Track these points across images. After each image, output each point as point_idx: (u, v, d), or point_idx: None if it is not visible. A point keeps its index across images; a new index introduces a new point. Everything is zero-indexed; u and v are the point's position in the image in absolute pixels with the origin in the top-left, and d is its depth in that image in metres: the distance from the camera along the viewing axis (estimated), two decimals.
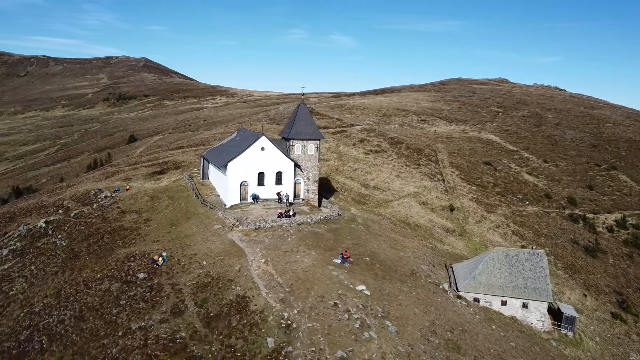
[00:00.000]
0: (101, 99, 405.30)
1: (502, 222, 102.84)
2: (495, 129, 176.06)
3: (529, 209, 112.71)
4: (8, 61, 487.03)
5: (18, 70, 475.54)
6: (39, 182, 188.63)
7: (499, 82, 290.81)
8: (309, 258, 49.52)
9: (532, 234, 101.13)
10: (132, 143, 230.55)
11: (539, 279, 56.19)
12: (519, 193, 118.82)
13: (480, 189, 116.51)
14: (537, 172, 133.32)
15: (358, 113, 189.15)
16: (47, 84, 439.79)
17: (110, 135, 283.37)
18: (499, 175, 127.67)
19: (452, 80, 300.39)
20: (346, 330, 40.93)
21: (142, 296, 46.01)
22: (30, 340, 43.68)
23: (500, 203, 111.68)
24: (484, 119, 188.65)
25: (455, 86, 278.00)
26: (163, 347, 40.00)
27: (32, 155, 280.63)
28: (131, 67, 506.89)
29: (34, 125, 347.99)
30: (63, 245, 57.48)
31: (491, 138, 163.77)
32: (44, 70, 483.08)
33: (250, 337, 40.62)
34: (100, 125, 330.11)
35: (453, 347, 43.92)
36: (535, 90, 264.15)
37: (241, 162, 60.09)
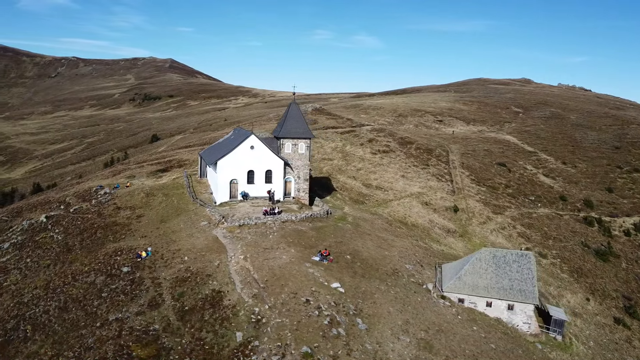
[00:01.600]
0: (127, 99, 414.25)
1: (508, 223, 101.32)
2: (514, 129, 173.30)
3: (541, 211, 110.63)
4: (40, 62, 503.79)
5: (49, 71, 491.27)
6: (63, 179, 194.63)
7: (522, 83, 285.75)
8: (288, 255, 50.17)
9: (540, 236, 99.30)
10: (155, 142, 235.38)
11: (525, 280, 55.40)
12: (532, 195, 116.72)
13: (490, 190, 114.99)
14: (554, 173, 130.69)
15: (373, 113, 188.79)
16: (76, 84, 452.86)
17: (134, 134, 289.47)
18: (512, 177, 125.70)
19: (473, 81, 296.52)
20: (315, 327, 41.40)
21: (122, 289, 47.49)
22: (16, 329, 45.62)
23: (509, 205, 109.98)
24: (503, 119, 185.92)
25: (476, 86, 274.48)
26: (136, 338, 41.28)
27: (59, 154, 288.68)
28: (157, 67, 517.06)
29: (62, 124, 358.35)
30: (59, 239, 59.66)
31: (508, 139, 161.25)
32: (73, 71, 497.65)
33: (220, 330, 41.52)
34: (125, 124, 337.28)
35: (425, 346, 43.86)
36: (558, 90, 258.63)
37: (230, 160, 61.21)
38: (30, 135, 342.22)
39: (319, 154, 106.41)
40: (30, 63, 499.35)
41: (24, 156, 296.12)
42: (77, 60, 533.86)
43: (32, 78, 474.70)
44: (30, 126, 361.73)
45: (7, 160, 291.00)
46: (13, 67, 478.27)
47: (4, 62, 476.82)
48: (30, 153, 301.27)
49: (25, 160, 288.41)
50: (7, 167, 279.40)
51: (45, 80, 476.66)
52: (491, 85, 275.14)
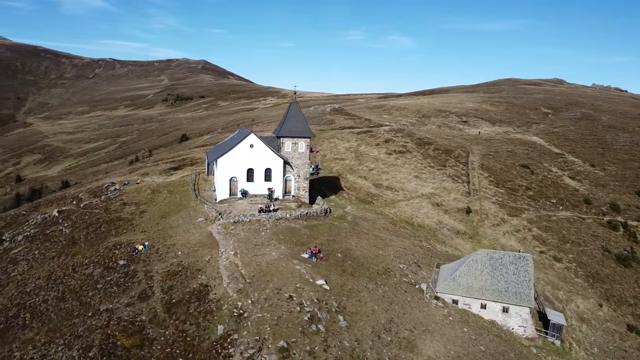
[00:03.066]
0: (160, 100, 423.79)
1: (524, 226, 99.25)
2: (542, 131, 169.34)
3: (561, 214, 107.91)
4: (78, 64, 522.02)
5: (87, 73, 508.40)
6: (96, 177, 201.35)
7: (554, 83, 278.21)
8: (277, 252, 50.91)
9: (557, 239, 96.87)
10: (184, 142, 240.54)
11: (522, 283, 54.41)
12: (554, 197, 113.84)
13: (509, 192, 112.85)
14: (581, 176, 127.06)
15: (396, 114, 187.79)
16: (112, 85, 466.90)
17: (165, 134, 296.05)
18: (535, 179, 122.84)
19: (503, 81, 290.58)
20: (294, 322, 41.93)
21: (116, 281, 49.26)
22: (17, 317, 47.98)
23: (527, 207, 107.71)
24: (530, 120, 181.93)
25: (506, 87, 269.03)
26: (123, 328, 42.82)
27: (93, 153, 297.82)
28: (190, 69, 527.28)
29: (97, 124, 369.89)
30: (66, 233, 62.20)
31: (535, 140, 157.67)
32: (110, 73, 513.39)
33: (203, 323, 42.62)
34: (157, 124, 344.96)
35: (406, 345, 43.82)
36: (592, 91, 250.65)
37: (230, 158, 62.42)
38: (67, 134, 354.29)
39: (331, 153, 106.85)
40: (69, 65, 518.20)
41: (60, 154, 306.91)
42: (114, 61, 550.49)
43: (71, 79, 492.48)
44: (67, 125, 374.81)
45: (44, 158, 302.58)
46: (53, 68, 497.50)
47: (44, 64, 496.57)
48: (66, 151, 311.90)
49: (61, 159, 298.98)
50: (44, 165, 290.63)
51: (83, 81, 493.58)
52: (521, 85, 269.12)
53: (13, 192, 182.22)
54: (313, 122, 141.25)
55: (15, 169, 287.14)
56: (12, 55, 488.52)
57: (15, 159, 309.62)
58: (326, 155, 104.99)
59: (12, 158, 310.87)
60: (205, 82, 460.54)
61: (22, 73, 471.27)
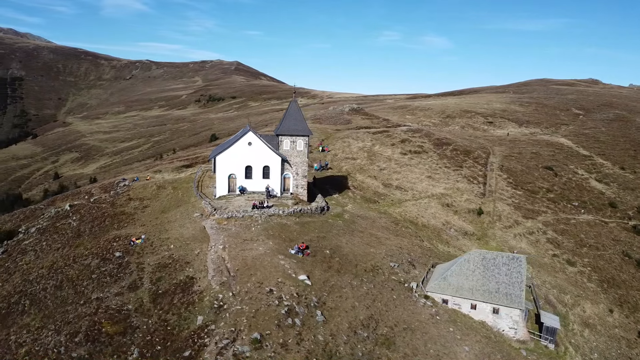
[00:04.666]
0: (193, 100, 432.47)
1: (538, 228, 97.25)
2: (571, 132, 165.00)
3: (582, 217, 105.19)
4: (116, 65, 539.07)
5: (124, 74, 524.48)
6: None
7: (588, 83, 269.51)
8: (264, 247, 51.95)
9: (573, 243, 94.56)
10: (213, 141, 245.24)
11: (513, 284, 53.62)
12: (576, 200, 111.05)
13: (528, 194, 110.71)
14: (609, 179, 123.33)
15: (420, 114, 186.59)
16: (148, 86, 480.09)
17: (197, 134, 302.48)
18: (558, 181, 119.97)
19: (535, 81, 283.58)
20: (271, 315, 42.84)
21: (110, 272, 51.41)
22: (18, 303, 50.72)
23: (546, 209, 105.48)
24: (560, 121, 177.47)
25: (537, 87, 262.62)
26: (109, 316, 44.78)
27: (128, 152, 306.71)
28: (224, 70, 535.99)
29: (132, 124, 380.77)
30: (74, 226, 65.11)
31: (562, 142, 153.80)
32: (146, 74, 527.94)
33: (184, 314, 44.11)
34: (189, 124, 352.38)
35: (384, 342, 44.05)
36: (627, 92, 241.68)
37: (229, 155, 63.96)
38: (104, 133, 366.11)
39: (343, 153, 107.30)
40: (108, 66, 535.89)
41: (97, 153, 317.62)
42: (150, 63, 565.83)
43: (109, 80, 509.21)
44: (104, 125, 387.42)
45: (81, 157, 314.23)
46: (92, 70, 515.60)
47: (84, 66, 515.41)
48: (102, 150, 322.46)
49: (97, 157, 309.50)
50: (81, 163, 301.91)
51: (121, 82, 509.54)
52: (553, 85, 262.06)
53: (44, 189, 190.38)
54: (330, 122, 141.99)
55: (53, 166, 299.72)
56: (54, 57, 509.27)
57: (54, 157, 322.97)
58: (337, 154, 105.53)
59: (52, 156, 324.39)
60: (237, 83, 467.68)
61: (64, 74, 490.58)
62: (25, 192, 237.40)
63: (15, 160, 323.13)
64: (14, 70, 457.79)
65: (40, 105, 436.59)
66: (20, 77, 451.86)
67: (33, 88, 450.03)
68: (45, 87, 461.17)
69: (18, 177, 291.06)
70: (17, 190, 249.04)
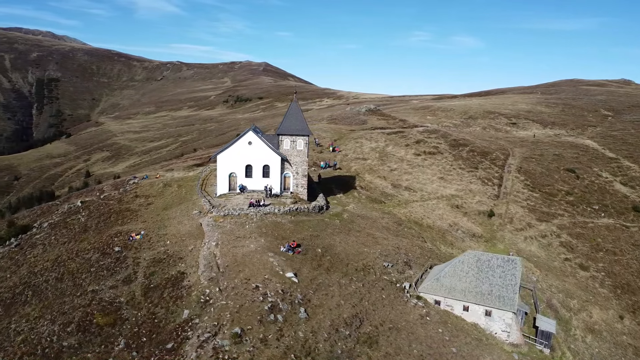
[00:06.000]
0: (221, 101, 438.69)
1: (552, 232, 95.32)
2: (597, 134, 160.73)
3: (601, 221, 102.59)
4: (148, 67, 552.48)
5: (156, 75, 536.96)
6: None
7: (619, 84, 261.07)
8: (256, 244, 52.84)
9: (588, 247, 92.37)
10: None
11: (507, 287, 52.94)
12: (597, 204, 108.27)
13: (545, 197, 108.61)
14: (635, 182, 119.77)
15: (441, 115, 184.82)
16: (178, 87, 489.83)
17: (223, 134, 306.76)
18: (579, 184, 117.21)
19: (564, 82, 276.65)
20: (254, 311, 43.65)
21: (108, 265, 53.29)
22: (22, 294, 53.15)
23: (563, 213, 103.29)
24: (587, 123, 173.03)
25: (566, 87, 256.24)
26: (102, 308, 46.52)
27: (156, 151, 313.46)
28: (252, 71, 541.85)
29: (162, 124, 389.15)
30: (82, 221, 67.58)
31: (587, 144, 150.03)
32: (177, 75, 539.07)
33: (172, 307, 45.42)
34: (216, 124, 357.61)
35: (366, 340, 44.30)
36: None
37: (229, 155, 65.25)
38: (134, 133, 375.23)
39: (354, 153, 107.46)
40: (140, 67, 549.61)
41: (126, 152, 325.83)
42: (181, 64, 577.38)
43: (141, 81, 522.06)
44: (134, 125, 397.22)
45: (112, 156, 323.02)
46: (125, 71, 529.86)
47: (117, 67, 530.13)
48: (132, 149, 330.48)
49: (127, 156, 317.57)
50: (111, 162, 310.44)
51: (152, 83, 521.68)
52: (583, 86, 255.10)
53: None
54: (345, 122, 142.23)
55: (85, 165, 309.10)
56: (89, 59, 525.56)
57: (86, 155, 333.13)
58: (348, 154, 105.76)
59: (84, 155, 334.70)
60: (264, 83, 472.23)
61: (97, 75, 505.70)
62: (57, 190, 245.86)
63: (50, 159, 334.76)
64: (50, 71, 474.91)
65: (74, 106, 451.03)
66: (56, 78, 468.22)
67: (68, 89, 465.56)
68: (79, 88, 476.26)
69: (52, 174, 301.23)
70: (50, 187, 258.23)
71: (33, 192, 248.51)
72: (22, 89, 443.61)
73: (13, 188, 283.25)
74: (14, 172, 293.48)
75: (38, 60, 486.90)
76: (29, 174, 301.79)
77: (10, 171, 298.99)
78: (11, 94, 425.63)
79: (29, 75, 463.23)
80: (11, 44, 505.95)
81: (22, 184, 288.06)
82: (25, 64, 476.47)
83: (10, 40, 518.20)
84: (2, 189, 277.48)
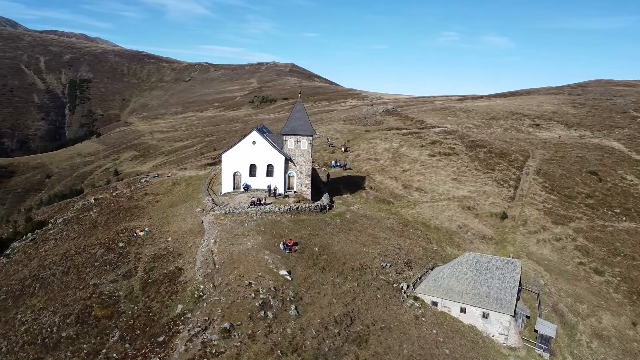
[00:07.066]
0: (247, 102, 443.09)
1: (567, 235, 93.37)
2: (625, 135, 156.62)
3: (622, 225, 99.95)
4: (177, 68, 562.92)
5: (184, 76, 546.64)
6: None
7: None
8: (253, 242, 53.65)
9: (605, 251, 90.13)
10: None
11: (505, 289, 52.32)
12: (619, 207, 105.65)
13: (564, 199, 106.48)
14: None
15: (463, 116, 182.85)
16: (205, 87, 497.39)
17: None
18: (602, 187, 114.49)
19: (592, 82, 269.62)
20: (245, 307, 44.44)
21: (111, 260, 54.97)
22: (30, 286, 55.35)
23: (581, 216, 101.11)
24: (614, 124, 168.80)
25: (594, 88, 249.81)
26: (101, 301, 48.09)
27: (182, 151, 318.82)
28: (278, 72, 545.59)
29: (189, 124, 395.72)
30: (92, 218, 69.78)
31: (614, 146, 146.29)
32: (204, 76, 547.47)
33: (167, 302, 46.63)
34: (241, 125, 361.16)
35: (355, 339, 44.51)
36: None
37: (233, 154, 66.37)
38: (161, 133, 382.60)
39: (367, 153, 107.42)
40: (169, 68, 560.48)
41: (154, 152, 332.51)
42: (208, 65, 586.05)
43: (170, 82, 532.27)
44: (162, 125, 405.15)
45: (139, 155, 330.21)
46: (154, 72, 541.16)
47: (147, 68, 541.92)
48: (159, 149, 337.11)
49: (154, 155, 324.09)
50: (139, 161, 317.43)
51: (180, 84, 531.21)
52: (612, 87, 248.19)
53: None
54: (361, 123, 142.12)
55: (114, 164, 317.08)
56: (120, 60, 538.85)
57: (115, 155, 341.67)
58: (360, 155, 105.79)
59: (113, 154, 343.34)
60: (290, 84, 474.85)
61: (128, 76, 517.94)
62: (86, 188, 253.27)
63: (80, 158, 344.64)
64: (83, 72, 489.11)
65: (105, 106, 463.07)
66: (88, 79, 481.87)
67: (100, 89, 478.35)
68: (110, 89, 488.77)
69: (82, 173, 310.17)
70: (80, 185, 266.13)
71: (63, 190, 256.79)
72: (56, 89, 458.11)
73: (45, 186, 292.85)
74: (46, 171, 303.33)
75: (71, 61, 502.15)
76: (60, 172, 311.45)
77: (43, 169, 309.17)
78: (45, 94, 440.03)
79: (62, 76, 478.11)
80: (46, 46, 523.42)
81: (54, 181, 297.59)
82: (59, 66, 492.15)
83: (45, 42, 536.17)
84: (34, 186, 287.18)
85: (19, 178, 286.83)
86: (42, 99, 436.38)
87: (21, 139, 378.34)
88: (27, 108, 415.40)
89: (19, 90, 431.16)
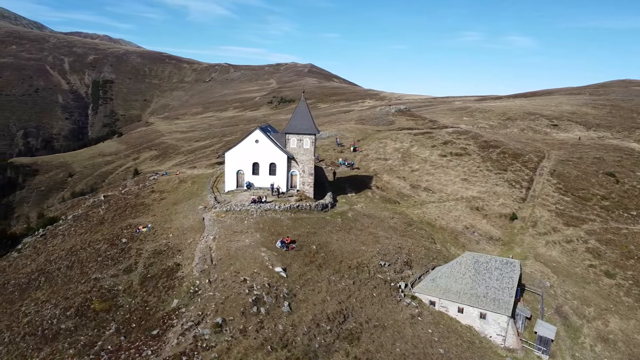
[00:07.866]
0: (266, 102, 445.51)
1: (579, 237, 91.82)
2: None
3: (638, 227, 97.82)
4: (197, 69, 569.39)
5: (204, 77, 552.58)
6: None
7: None
8: (251, 239, 54.22)
9: (618, 254, 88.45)
10: None
11: (503, 289, 51.80)
12: (636, 209, 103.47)
13: (577, 201, 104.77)
14: None
15: (479, 116, 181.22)
16: (225, 88, 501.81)
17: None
18: (619, 188, 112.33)
19: (615, 82, 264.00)
20: (239, 303, 45.03)
21: (113, 255, 56.21)
22: (36, 279, 56.95)
23: (595, 218, 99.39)
24: (635, 125, 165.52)
25: (616, 88, 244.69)
26: (101, 294, 49.29)
27: (200, 151, 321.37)
28: (297, 72, 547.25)
29: (208, 124, 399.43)
30: (100, 214, 71.34)
31: (634, 147, 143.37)
32: (224, 77, 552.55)
33: (163, 296, 47.56)
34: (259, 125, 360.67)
35: (347, 336, 44.66)
36: None
37: (236, 152, 67.13)
38: (181, 133, 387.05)
39: (376, 153, 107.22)
40: (190, 69, 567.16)
41: (173, 151, 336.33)
42: (229, 66, 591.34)
43: (190, 83, 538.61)
44: (182, 125, 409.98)
45: (159, 155, 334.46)
46: (175, 73, 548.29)
47: (168, 69, 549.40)
48: (178, 149, 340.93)
49: (173, 155, 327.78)
50: (159, 160, 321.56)
51: (201, 84, 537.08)
52: (635, 87, 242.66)
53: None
54: (372, 122, 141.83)
55: (134, 163, 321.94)
56: (142, 61, 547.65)
57: (135, 154, 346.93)
58: (369, 154, 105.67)
59: (133, 153, 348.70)
60: (308, 85, 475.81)
61: (149, 77, 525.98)
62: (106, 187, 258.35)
63: (102, 157, 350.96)
64: (105, 73, 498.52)
65: (127, 106, 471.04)
66: (111, 80, 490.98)
67: (122, 90, 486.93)
68: (132, 89, 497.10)
69: (103, 172, 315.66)
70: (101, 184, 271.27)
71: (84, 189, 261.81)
72: (79, 90, 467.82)
73: (67, 184, 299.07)
74: (68, 170, 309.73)
75: (94, 62, 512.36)
76: (82, 171, 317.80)
77: (66, 168, 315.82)
78: (69, 95, 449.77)
79: (85, 77, 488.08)
80: (70, 47, 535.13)
81: (76, 180, 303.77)
82: (82, 67, 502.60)
83: (70, 44, 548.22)
84: (57, 185, 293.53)
85: (42, 177, 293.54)
86: (66, 99, 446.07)
87: (46, 138, 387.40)
88: (52, 108, 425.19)
89: (44, 90, 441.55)
